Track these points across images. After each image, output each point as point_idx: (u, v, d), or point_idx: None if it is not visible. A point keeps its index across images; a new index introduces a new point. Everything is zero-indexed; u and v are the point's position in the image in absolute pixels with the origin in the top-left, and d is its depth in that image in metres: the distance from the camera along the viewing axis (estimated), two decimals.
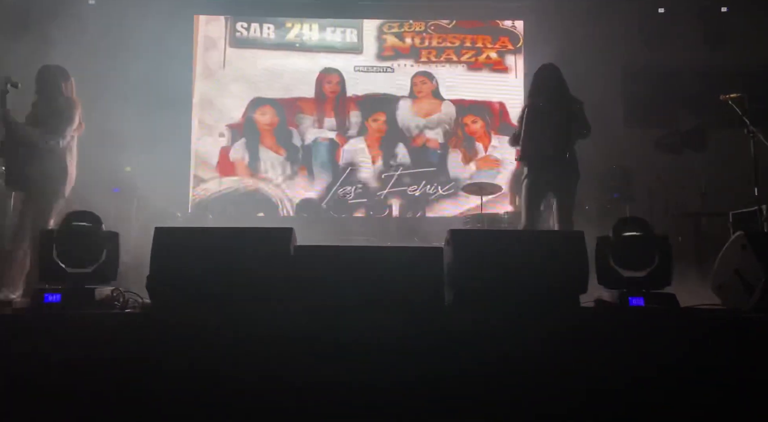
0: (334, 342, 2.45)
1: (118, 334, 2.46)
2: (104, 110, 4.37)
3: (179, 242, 2.64)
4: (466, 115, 7.19)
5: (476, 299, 2.57)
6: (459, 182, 6.99)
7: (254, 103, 7.17)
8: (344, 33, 7.32)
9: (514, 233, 3.50)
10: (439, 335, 2.49)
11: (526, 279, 2.60)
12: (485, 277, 2.60)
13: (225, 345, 2.41)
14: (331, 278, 2.67)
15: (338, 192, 7.04)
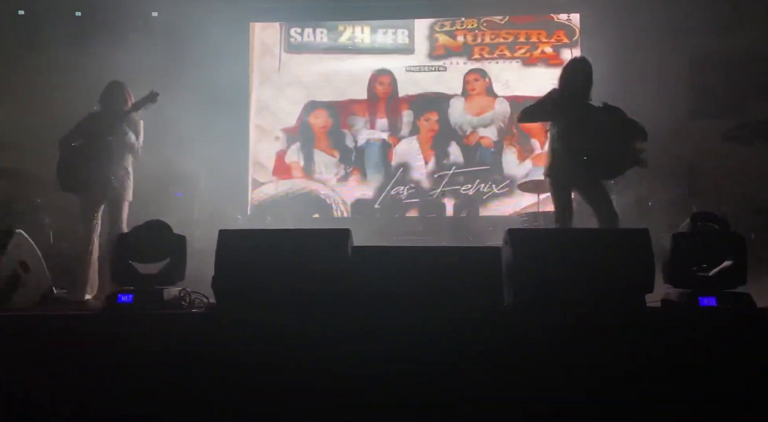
0: (391, 342, 2.46)
1: (186, 333, 2.56)
2: (167, 117, 4.56)
3: (242, 244, 2.71)
4: None
5: (537, 300, 2.53)
6: (514, 180, 6.87)
7: (308, 106, 7.29)
8: (395, 34, 7.34)
9: (575, 232, 3.40)
10: (499, 336, 2.46)
11: (589, 279, 2.53)
12: (546, 277, 2.54)
13: (286, 343, 2.46)
14: (389, 278, 2.68)
15: (391, 192, 7.07)
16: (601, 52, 6.44)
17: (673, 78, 6.46)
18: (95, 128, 4.07)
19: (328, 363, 2.43)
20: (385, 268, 2.72)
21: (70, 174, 4.05)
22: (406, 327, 2.49)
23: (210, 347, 2.48)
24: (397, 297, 2.62)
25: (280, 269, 2.65)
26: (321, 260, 2.67)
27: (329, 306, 2.57)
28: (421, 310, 2.54)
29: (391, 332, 2.48)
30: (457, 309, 2.53)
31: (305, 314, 2.54)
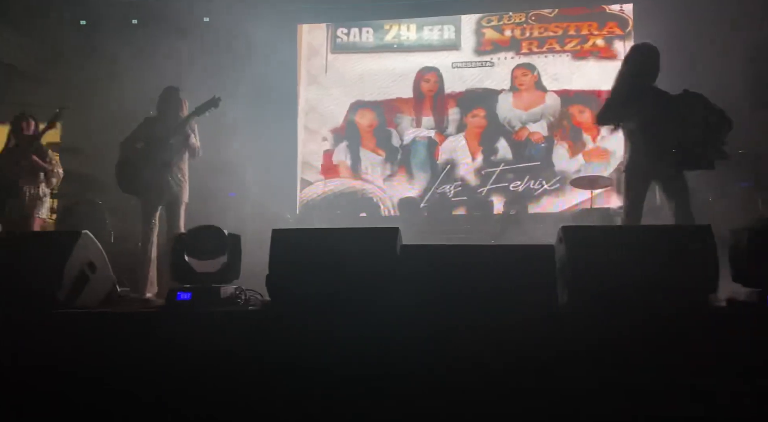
0: (441, 342, 2.44)
1: (242, 329, 2.62)
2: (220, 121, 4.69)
3: (294, 243, 2.76)
4: (572, 105, 6.89)
5: (594, 300, 2.46)
6: (565, 176, 6.71)
7: (354, 106, 7.34)
8: (442, 30, 7.29)
9: (633, 229, 3.29)
10: (553, 337, 2.41)
11: (648, 278, 2.45)
12: (603, 276, 2.47)
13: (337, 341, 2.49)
14: (438, 277, 2.67)
15: (438, 190, 7.03)
16: (655, 43, 6.21)
17: (732, 68, 6.15)
18: (154, 132, 4.22)
19: (377, 360, 2.44)
20: (434, 267, 2.71)
21: (130, 177, 4.20)
22: (455, 326, 2.47)
23: (264, 343, 2.54)
24: (447, 296, 2.60)
25: (331, 268, 2.68)
26: (370, 258, 2.69)
27: (378, 304, 2.58)
28: (471, 309, 2.52)
29: (440, 331, 2.46)
30: (508, 309, 2.49)
31: (355, 311, 2.56)
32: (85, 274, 2.81)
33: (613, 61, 6.87)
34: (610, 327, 2.37)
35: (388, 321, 2.52)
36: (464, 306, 2.53)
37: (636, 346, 2.34)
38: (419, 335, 2.46)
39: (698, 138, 3.52)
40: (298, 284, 2.66)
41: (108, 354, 2.48)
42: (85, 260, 2.85)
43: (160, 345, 2.56)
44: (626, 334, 2.36)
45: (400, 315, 2.53)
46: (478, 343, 2.42)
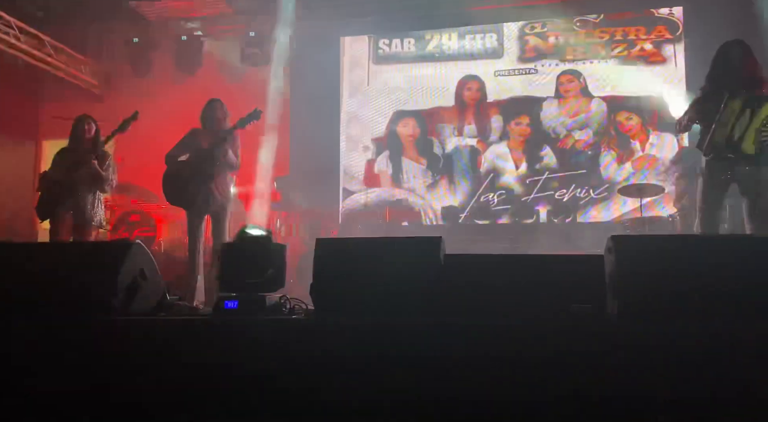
0: (487, 354, 2.40)
1: (286, 337, 2.65)
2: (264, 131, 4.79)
3: (338, 252, 2.78)
4: (619, 112, 6.73)
5: (646, 312, 2.37)
6: (613, 184, 6.54)
7: (396, 116, 7.38)
8: (483, 39, 7.26)
9: (688, 238, 3.16)
10: (602, 349, 2.33)
11: (705, 292, 2.34)
12: (656, 288, 2.38)
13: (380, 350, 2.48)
14: (482, 287, 2.63)
15: (481, 199, 6.96)
16: (707, 47, 5.96)
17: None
18: (198, 143, 4.32)
19: (421, 370, 2.41)
20: (478, 276, 2.67)
21: (176, 189, 4.31)
22: (501, 337, 2.43)
23: (308, 351, 2.55)
24: (492, 307, 2.56)
25: (375, 277, 2.67)
26: (414, 268, 2.67)
27: (423, 314, 2.56)
28: (518, 321, 2.47)
29: (485, 342, 2.42)
30: (556, 320, 2.43)
31: (399, 321, 2.55)
32: (137, 282, 2.90)
33: (662, 66, 6.68)
34: (660, 339, 2.28)
35: (431, 331, 2.50)
36: (510, 317, 2.48)
37: (687, 361, 2.23)
38: (463, 344, 2.43)
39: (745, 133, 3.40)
40: (342, 294, 2.67)
41: (158, 360, 2.55)
42: (137, 269, 2.94)
43: (208, 351, 2.61)
44: (679, 348, 2.27)
45: (445, 326, 2.50)
46: (524, 355, 2.36)
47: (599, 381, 2.26)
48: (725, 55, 3.59)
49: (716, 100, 3.47)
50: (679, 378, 2.22)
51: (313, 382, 2.46)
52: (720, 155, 3.50)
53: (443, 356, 2.40)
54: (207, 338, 2.65)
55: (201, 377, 2.53)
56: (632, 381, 2.24)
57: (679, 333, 2.28)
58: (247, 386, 2.51)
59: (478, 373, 2.36)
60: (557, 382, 2.30)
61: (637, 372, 2.26)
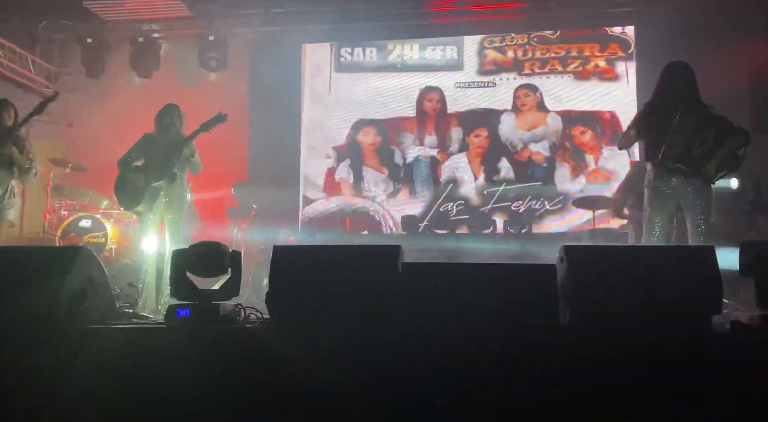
0: (443, 360, 2.42)
1: (240, 347, 2.60)
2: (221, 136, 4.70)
3: (295, 260, 2.75)
4: (574, 126, 6.93)
5: (595, 320, 2.44)
6: (568, 196, 6.72)
7: (358, 124, 7.39)
8: (444, 51, 7.37)
9: (635, 249, 3.28)
10: (554, 356, 2.38)
11: (650, 299, 2.43)
12: (605, 296, 2.45)
13: (337, 359, 2.46)
14: (440, 295, 2.65)
15: (440, 209, 7.04)
16: (657, 64, 6.22)
17: (734, 90, 6.18)
18: (153, 148, 4.23)
19: (378, 378, 2.41)
20: (435, 285, 2.69)
21: (129, 194, 4.20)
22: (457, 344, 2.45)
23: (263, 361, 2.51)
24: (449, 315, 2.58)
25: (332, 286, 2.66)
26: (372, 276, 2.67)
27: (380, 322, 2.56)
28: (473, 328, 2.50)
29: (442, 349, 2.44)
30: (510, 328, 2.47)
31: (356, 330, 2.54)
32: (83, 289, 2.80)
33: (615, 83, 6.93)
34: (610, 347, 2.35)
35: (389, 339, 2.50)
36: (466, 325, 2.51)
37: (635, 367, 2.31)
38: (421, 352, 2.44)
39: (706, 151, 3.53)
40: (298, 302, 2.64)
41: (105, 370, 2.46)
42: (85, 276, 2.84)
43: (158, 361, 2.53)
44: (626, 354, 2.34)
45: (402, 333, 2.50)
46: (479, 362, 2.39)
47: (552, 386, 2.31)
48: (672, 74, 3.73)
49: (667, 114, 3.58)
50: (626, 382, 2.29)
51: (269, 392, 2.43)
52: (670, 166, 3.60)
53: (400, 364, 2.41)
54: (158, 347, 2.58)
55: (151, 387, 2.46)
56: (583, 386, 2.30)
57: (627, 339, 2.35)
58: (199, 396, 2.45)
59: (434, 381, 2.37)
60: (511, 389, 2.33)
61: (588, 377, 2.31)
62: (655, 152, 3.63)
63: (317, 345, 2.48)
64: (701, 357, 2.34)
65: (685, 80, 3.67)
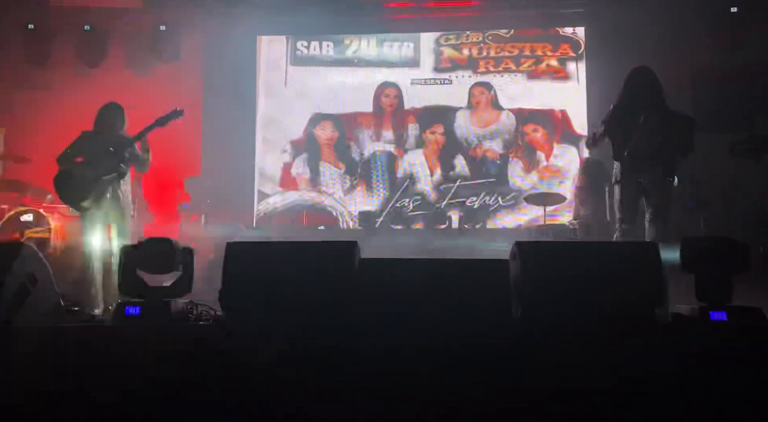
0: (398, 355, 2.44)
1: (193, 345, 2.55)
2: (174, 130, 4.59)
3: (250, 256, 2.71)
4: (526, 124, 7.09)
5: (546, 314, 2.51)
6: (520, 192, 6.87)
7: (314, 119, 7.34)
8: (401, 47, 7.39)
9: (584, 245, 3.39)
10: (506, 350, 2.44)
11: (598, 293, 2.51)
12: (555, 290, 2.53)
13: (293, 356, 2.45)
14: (396, 291, 2.67)
15: (397, 204, 7.08)
16: (605, 65, 6.46)
17: (677, 92, 6.44)
18: (94, 146, 4.09)
19: (334, 375, 2.41)
20: (392, 280, 2.71)
21: (72, 190, 4.06)
22: (413, 339, 2.47)
23: (216, 359, 2.47)
24: (405, 310, 2.60)
25: (288, 282, 2.64)
26: (328, 272, 2.67)
27: (336, 319, 2.56)
28: (428, 323, 2.53)
29: (397, 344, 2.46)
30: (464, 323, 2.52)
31: (312, 326, 2.53)
32: (25, 287, 2.68)
33: (566, 82, 7.12)
34: (560, 340, 2.42)
35: (345, 335, 2.50)
36: (421, 320, 2.54)
37: (585, 358, 2.39)
38: (377, 347, 2.45)
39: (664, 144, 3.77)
40: (253, 299, 2.61)
41: (50, 372, 2.37)
42: (26, 273, 2.72)
43: (107, 361, 2.46)
44: (576, 346, 2.42)
45: (358, 330, 2.51)
46: (434, 357, 2.42)
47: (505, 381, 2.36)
48: (638, 77, 3.96)
49: (632, 114, 3.81)
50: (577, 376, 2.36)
51: (221, 392, 2.39)
52: (637, 163, 3.82)
53: (355, 360, 2.41)
54: (105, 346, 2.50)
55: (97, 388, 2.38)
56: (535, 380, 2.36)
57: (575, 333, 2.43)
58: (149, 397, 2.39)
59: (389, 377, 2.39)
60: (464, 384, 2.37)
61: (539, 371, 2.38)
62: (621, 150, 3.84)
63: (271, 343, 2.46)
64: (646, 348, 2.44)
65: (651, 82, 3.90)
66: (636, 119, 3.77)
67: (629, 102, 3.89)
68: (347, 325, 2.53)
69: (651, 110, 3.78)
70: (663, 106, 3.86)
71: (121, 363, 2.41)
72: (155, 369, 2.43)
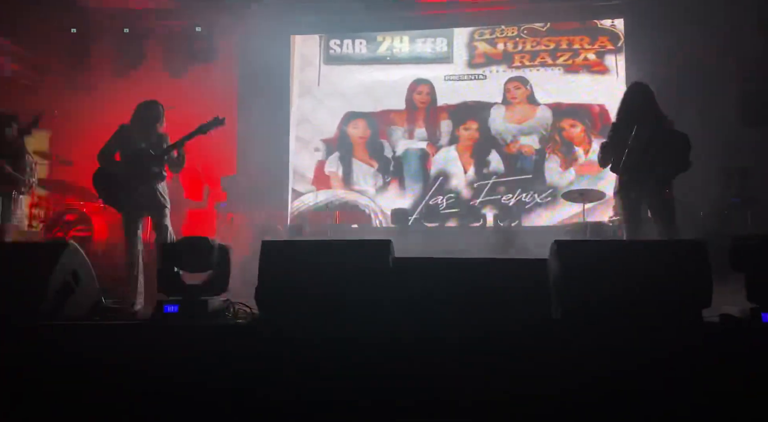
0: (433, 354, 2.41)
1: (229, 343, 2.57)
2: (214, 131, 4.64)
3: (285, 255, 2.72)
4: (563, 119, 6.93)
5: (587, 315, 2.44)
6: (557, 189, 6.72)
7: (347, 117, 7.34)
8: (434, 43, 7.32)
9: (626, 244, 3.29)
10: (546, 351, 2.38)
11: (642, 293, 2.43)
12: (596, 290, 2.45)
13: (327, 354, 2.44)
14: (430, 290, 2.64)
15: (430, 202, 7.02)
16: (647, 57, 6.27)
17: (723, 84, 6.21)
18: (132, 143, 4.16)
19: (369, 373, 2.40)
20: (426, 280, 2.68)
21: (112, 189, 4.14)
22: (448, 339, 2.44)
23: (253, 356, 2.49)
24: (439, 310, 2.57)
25: (322, 280, 2.64)
26: (362, 271, 2.65)
27: (371, 318, 2.54)
28: (464, 323, 2.49)
29: (432, 344, 2.43)
30: (501, 323, 2.47)
31: (346, 325, 2.52)
32: (68, 285, 2.75)
33: (604, 75, 6.93)
34: (602, 341, 2.35)
35: (379, 334, 2.48)
36: (457, 320, 2.50)
37: (628, 360, 2.31)
38: (411, 348, 2.43)
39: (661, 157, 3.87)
40: (288, 298, 2.61)
41: (91, 367, 2.42)
42: (69, 271, 2.79)
43: (146, 357, 2.50)
44: (618, 348, 2.34)
45: (393, 329, 2.49)
46: (470, 356, 2.38)
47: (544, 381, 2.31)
48: (631, 92, 4.08)
49: (626, 130, 3.88)
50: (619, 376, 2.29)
51: (257, 388, 2.40)
52: (632, 176, 3.90)
53: (391, 359, 2.39)
54: (145, 343, 2.54)
55: (137, 384, 2.42)
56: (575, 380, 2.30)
57: (619, 333, 2.35)
58: (187, 393, 2.42)
59: (425, 375, 2.36)
60: (502, 386, 2.32)
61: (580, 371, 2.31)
62: (617, 164, 3.94)
63: (307, 340, 2.46)
64: (692, 350, 2.35)
65: (643, 97, 4.00)
66: (628, 133, 3.86)
67: (625, 117, 4.00)
68: (382, 323, 2.51)
69: (642, 124, 3.85)
70: (656, 120, 3.93)
71: (159, 360, 2.45)
72: (193, 366, 2.46)
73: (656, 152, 3.84)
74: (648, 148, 3.84)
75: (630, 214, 3.95)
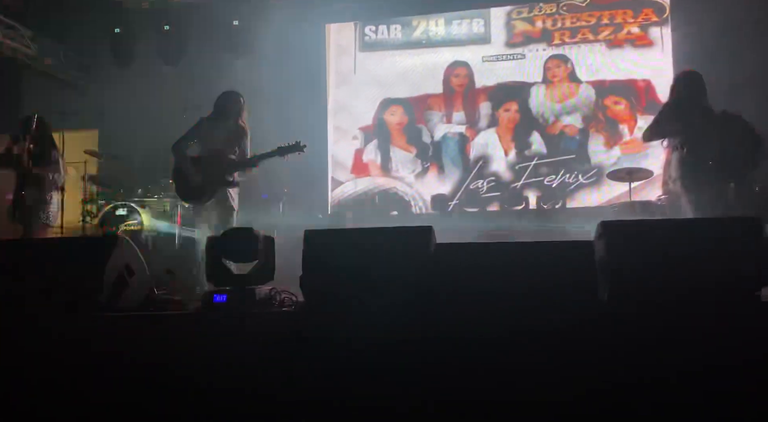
0: (479, 342, 2.40)
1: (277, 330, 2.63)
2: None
3: (328, 243, 2.76)
4: (607, 96, 6.71)
5: (636, 297, 2.38)
6: (602, 168, 6.54)
7: (384, 104, 7.32)
8: (471, 24, 7.20)
9: (676, 222, 3.17)
10: (594, 335, 2.34)
11: (693, 274, 2.35)
12: (645, 272, 2.38)
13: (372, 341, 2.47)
14: (473, 276, 2.62)
15: (470, 186, 6.95)
16: (694, 30, 6.00)
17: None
18: (211, 136, 4.23)
19: (413, 361, 2.41)
20: (469, 265, 2.66)
21: (185, 188, 4.27)
22: (492, 325, 2.42)
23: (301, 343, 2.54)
24: (483, 295, 2.55)
25: (365, 268, 2.66)
26: (404, 258, 2.66)
27: (413, 305, 2.55)
28: (509, 308, 2.47)
29: (476, 331, 2.42)
30: (547, 308, 2.43)
31: (390, 312, 2.54)
32: (122, 277, 2.87)
33: (650, 49, 6.68)
34: (652, 324, 2.29)
35: (423, 321, 2.49)
36: (502, 305, 2.48)
37: (679, 344, 2.25)
38: (454, 334, 2.42)
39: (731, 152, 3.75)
40: (332, 285, 2.65)
41: (146, 355, 2.52)
42: (123, 264, 2.90)
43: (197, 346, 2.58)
44: (669, 331, 2.28)
45: (437, 316, 2.49)
46: (516, 342, 2.36)
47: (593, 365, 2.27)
48: (687, 82, 3.98)
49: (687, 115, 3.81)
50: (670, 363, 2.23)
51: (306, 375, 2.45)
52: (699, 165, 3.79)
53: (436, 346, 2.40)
54: (196, 332, 2.63)
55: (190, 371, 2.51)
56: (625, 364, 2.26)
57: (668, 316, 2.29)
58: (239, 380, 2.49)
59: (471, 362, 2.36)
60: (550, 368, 2.30)
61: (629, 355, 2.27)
62: (681, 148, 3.84)
63: (353, 328, 2.49)
64: (748, 333, 2.26)
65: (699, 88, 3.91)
66: (692, 120, 3.77)
67: (682, 103, 3.91)
68: (424, 310, 2.51)
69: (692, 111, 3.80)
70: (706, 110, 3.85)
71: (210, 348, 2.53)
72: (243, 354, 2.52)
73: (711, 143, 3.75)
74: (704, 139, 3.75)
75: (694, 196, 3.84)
